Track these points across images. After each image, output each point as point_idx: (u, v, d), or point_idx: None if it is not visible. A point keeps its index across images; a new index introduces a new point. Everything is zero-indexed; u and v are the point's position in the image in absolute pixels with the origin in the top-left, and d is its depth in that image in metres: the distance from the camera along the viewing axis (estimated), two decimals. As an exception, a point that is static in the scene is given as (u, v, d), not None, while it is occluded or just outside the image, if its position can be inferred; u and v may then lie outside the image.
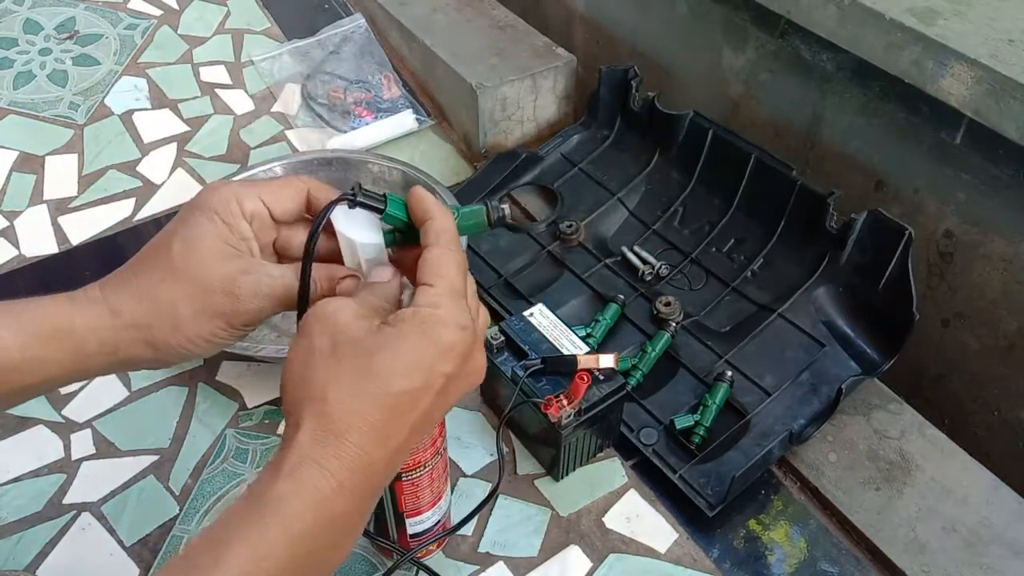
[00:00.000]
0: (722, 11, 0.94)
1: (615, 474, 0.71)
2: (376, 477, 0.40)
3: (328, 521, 0.38)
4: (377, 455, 0.38)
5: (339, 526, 0.39)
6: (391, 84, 1.11)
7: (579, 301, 0.84)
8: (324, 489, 0.37)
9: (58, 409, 0.76)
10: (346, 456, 0.38)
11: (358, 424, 0.38)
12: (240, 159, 1.03)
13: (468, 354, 0.40)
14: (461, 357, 0.39)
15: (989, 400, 0.83)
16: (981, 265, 0.78)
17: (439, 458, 0.57)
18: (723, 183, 0.88)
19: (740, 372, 0.76)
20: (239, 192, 0.46)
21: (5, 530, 0.67)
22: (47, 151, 1.02)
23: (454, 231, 0.43)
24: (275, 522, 0.36)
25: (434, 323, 0.38)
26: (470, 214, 0.48)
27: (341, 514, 0.38)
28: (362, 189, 0.45)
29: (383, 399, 0.38)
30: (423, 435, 0.43)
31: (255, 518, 0.37)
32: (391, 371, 0.38)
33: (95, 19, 1.20)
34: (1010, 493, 0.68)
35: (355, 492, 0.38)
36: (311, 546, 0.37)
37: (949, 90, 0.70)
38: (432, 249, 0.42)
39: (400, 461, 0.42)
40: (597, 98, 0.98)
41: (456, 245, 0.43)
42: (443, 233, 0.42)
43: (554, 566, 0.65)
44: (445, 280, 0.40)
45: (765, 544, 0.67)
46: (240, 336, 0.47)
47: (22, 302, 0.44)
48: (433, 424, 0.42)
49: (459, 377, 0.40)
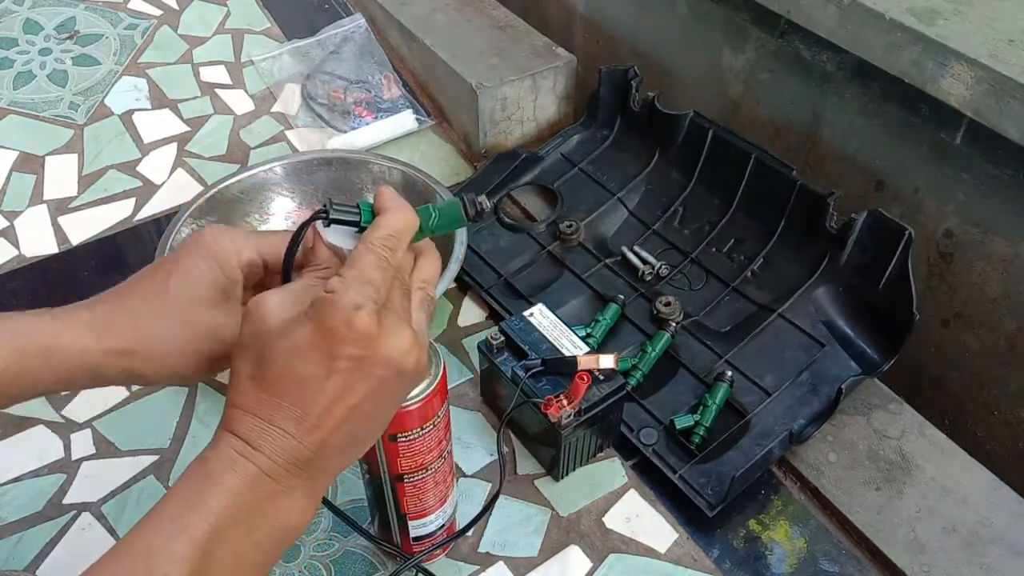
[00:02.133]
0: (722, 11, 0.94)
1: (615, 474, 0.71)
2: (307, 460, 0.40)
3: (260, 500, 0.38)
4: (299, 437, 0.39)
5: (271, 511, 0.39)
6: (391, 84, 1.11)
7: (579, 301, 0.84)
8: (248, 466, 0.38)
9: (58, 409, 0.76)
10: (268, 435, 0.39)
11: (266, 408, 0.39)
12: (240, 159, 1.03)
13: (376, 336, 0.39)
14: (365, 339, 0.39)
15: (989, 400, 0.83)
16: (981, 265, 0.78)
17: (443, 461, 0.57)
18: (723, 183, 0.88)
19: (740, 372, 0.76)
20: (240, 245, 0.48)
21: (5, 530, 0.67)
22: (47, 151, 1.02)
23: (392, 229, 0.43)
24: (213, 492, 0.37)
25: (325, 307, 0.38)
26: (446, 210, 0.47)
27: (271, 493, 0.39)
28: (333, 205, 0.45)
29: (286, 383, 0.39)
30: (370, 424, 0.42)
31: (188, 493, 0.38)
32: (289, 355, 0.39)
33: (95, 19, 1.20)
34: (1010, 493, 0.68)
35: (281, 471, 0.39)
36: (244, 525, 0.38)
37: (949, 90, 0.70)
38: (357, 245, 0.42)
39: (346, 450, 0.42)
40: (597, 98, 0.98)
41: (383, 240, 0.42)
42: (374, 230, 0.43)
43: (554, 566, 0.65)
44: (353, 270, 0.40)
45: (765, 544, 0.67)
46: (217, 373, 0.48)
47: (5, 316, 0.45)
48: (377, 413, 0.41)
49: (373, 362, 0.39)
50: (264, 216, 0.90)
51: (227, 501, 0.38)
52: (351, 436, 0.41)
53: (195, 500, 0.38)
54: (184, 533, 0.37)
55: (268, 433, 0.39)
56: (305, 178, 0.91)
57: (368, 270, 0.41)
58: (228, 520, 0.38)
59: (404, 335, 0.40)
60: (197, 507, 0.37)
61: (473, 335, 0.82)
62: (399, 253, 0.43)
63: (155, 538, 0.37)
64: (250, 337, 0.40)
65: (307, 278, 0.45)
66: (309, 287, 0.43)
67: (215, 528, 0.37)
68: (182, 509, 0.38)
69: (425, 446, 0.54)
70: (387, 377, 0.40)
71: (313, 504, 0.41)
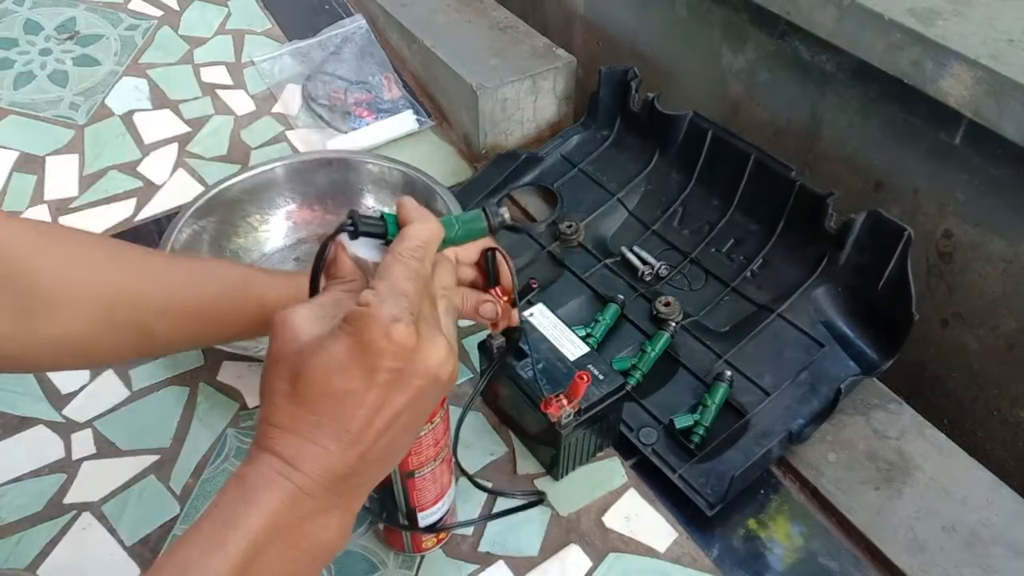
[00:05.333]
0: (722, 12, 0.94)
1: (615, 474, 0.71)
2: (345, 477, 0.39)
3: (299, 520, 0.38)
4: (339, 453, 0.39)
5: (310, 529, 0.39)
6: (391, 85, 1.11)
7: (579, 301, 0.84)
8: (286, 485, 0.38)
9: (58, 409, 0.76)
10: (307, 453, 0.38)
11: (305, 425, 0.38)
12: (241, 160, 1.03)
13: (414, 348, 0.39)
14: (403, 350, 0.39)
15: (989, 400, 0.83)
16: (981, 265, 0.78)
17: (447, 450, 0.58)
18: (723, 183, 0.88)
19: (739, 372, 0.76)
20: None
21: (5, 530, 0.67)
22: (48, 151, 1.02)
23: (420, 240, 0.43)
24: (251, 511, 0.37)
25: (364, 320, 0.38)
26: (469, 221, 0.49)
27: (309, 512, 0.38)
28: (361, 217, 0.45)
29: (325, 399, 0.38)
30: (405, 436, 0.42)
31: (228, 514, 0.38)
32: (328, 371, 0.38)
33: (95, 19, 1.20)
34: (1010, 493, 0.68)
35: (320, 489, 0.39)
36: (281, 546, 0.38)
37: (949, 90, 0.70)
38: (385, 256, 0.42)
39: (383, 462, 0.42)
40: (597, 99, 0.98)
41: (412, 252, 0.42)
42: (401, 241, 0.43)
43: (554, 565, 0.65)
44: (386, 282, 0.40)
45: (764, 543, 0.67)
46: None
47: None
48: (412, 423, 0.42)
49: (412, 373, 0.39)
50: (264, 216, 0.90)
51: (265, 520, 0.37)
52: (388, 448, 0.41)
53: (232, 519, 0.37)
54: (221, 550, 0.36)
55: (307, 451, 0.38)
56: (306, 178, 0.91)
57: (400, 282, 0.40)
58: (266, 539, 0.37)
59: (440, 345, 0.41)
60: (234, 525, 0.37)
61: (473, 335, 0.82)
62: (428, 263, 0.43)
63: (192, 553, 0.37)
64: (282, 353, 0.40)
65: (333, 291, 0.45)
66: (337, 300, 0.43)
67: (252, 546, 0.37)
68: (219, 527, 0.37)
69: (433, 439, 0.55)
70: (424, 387, 0.40)
71: (349, 522, 0.41)
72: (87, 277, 0.49)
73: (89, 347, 0.50)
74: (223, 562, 0.36)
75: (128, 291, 0.50)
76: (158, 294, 0.51)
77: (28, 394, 0.77)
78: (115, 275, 0.50)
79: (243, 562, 0.36)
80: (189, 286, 0.52)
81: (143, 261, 0.53)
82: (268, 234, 0.91)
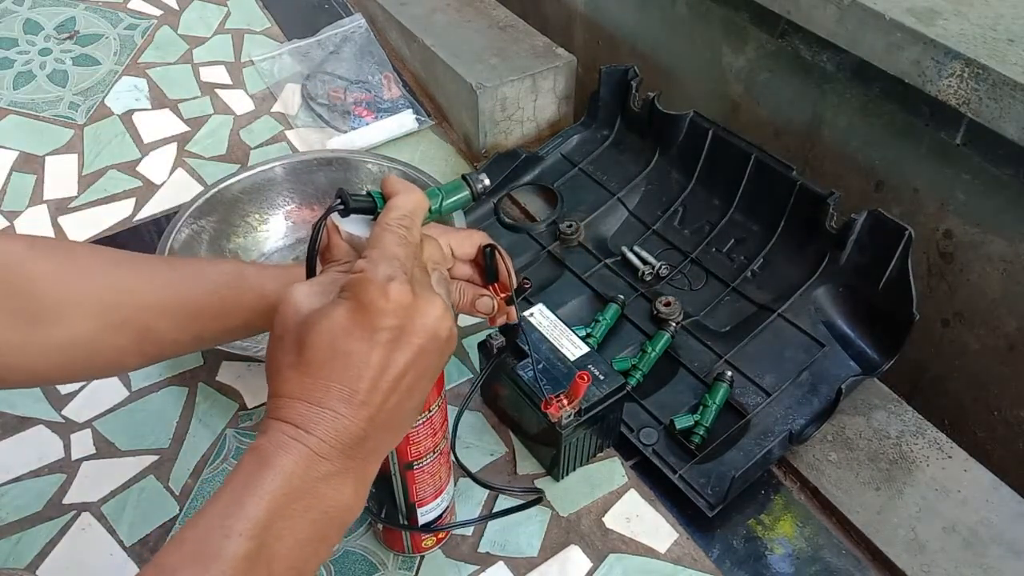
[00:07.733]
0: (722, 11, 0.94)
1: (615, 474, 0.71)
2: (359, 440, 0.40)
3: (315, 481, 0.39)
4: (350, 415, 0.39)
5: (326, 491, 0.39)
6: (391, 84, 1.11)
7: (579, 301, 0.84)
8: (300, 448, 0.39)
9: (58, 409, 0.76)
10: (318, 417, 0.39)
11: (314, 392, 0.39)
12: (240, 159, 1.03)
13: (411, 304, 0.40)
14: (400, 307, 0.40)
15: (989, 400, 0.83)
16: (981, 265, 0.78)
17: (446, 442, 0.58)
18: (723, 183, 0.88)
19: (740, 372, 0.76)
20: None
21: (5, 530, 0.67)
22: (47, 151, 1.02)
23: (405, 209, 0.45)
24: (267, 475, 0.38)
25: (360, 283, 0.40)
26: (452, 190, 0.51)
27: (324, 474, 0.39)
28: (350, 195, 0.47)
29: (331, 364, 0.39)
30: (412, 399, 0.43)
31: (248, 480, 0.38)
32: (332, 335, 0.40)
33: (95, 19, 1.20)
34: (1010, 493, 0.68)
35: (333, 452, 0.39)
36: (301, 507, 0.39)
37: (949, 90, 0.70)
38: (374, 227, 0.44)
39: (393, 426, 0.42)
40: (597, 98, 0.98)
41: (399, 220, 0.44)
42: (388, 212, 0.45)
43: (554, 566, 0.65)
44: (376, 249, 0.42)
45: (765, 544, 0.67)
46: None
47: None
48: (417, 386, 0.43)
49: (412, 331, 0.41)
50: (264, 216, 0.90)
51: (281, 481, 0.38)
52: (396, 411, 0.41)
53: (250, 482, 0.38)
54: (240, 510, 0.37)
55: (319, 415, 0.39)
56: (305, 178, 0.91)
57: (391, 247, 0.42)
58: (284, 499, 0.38)
59: (436, 302, 0.42)
60: (252, 489, 0.38)
61: (473, 335, 0.82)
62: (415, 231, 0.45)
63: (213, 519, 0.37)
64: (285, 328, 0.41)
65: (329, 272, 0.47)
66: (334, 280, 0.44)
67: (272, 506, 0.37)
68: (237, 491, 0.38)
69: (431, 429, 0.55)
70: (425, 346, 0.41)
71: (364, 486, 0.42)
72: (85, 280, 0.50)
73: (94, 353, 0.50)
74: (243, 522, 0.37)
75: (126, 292, 0.51)
76: (156, 293, 0.52)
77: (28, 394, 0.77)
78: (111, 277, 0.51)
79: (265, 520, 0.37)
80: (186, 282, 0.53)
81: (137, 263, 0.53)
82: (267, 234, 0.90)
